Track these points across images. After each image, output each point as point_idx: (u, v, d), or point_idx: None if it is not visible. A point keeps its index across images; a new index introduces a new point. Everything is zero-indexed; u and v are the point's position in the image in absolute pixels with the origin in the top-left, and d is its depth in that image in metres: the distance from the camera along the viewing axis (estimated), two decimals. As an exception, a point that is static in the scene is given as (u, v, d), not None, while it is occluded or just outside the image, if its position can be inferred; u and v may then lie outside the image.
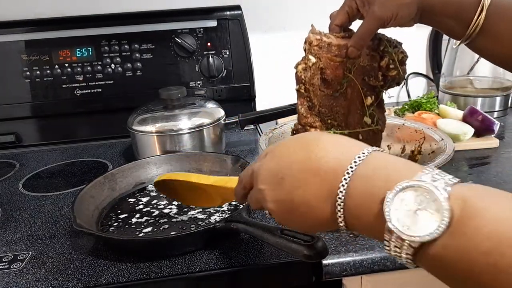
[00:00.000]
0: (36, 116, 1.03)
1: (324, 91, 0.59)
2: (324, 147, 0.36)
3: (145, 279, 0.53)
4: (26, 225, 0.67)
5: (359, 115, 0.62)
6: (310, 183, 0.35)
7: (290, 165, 0.36)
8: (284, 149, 0.38)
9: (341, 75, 0.59)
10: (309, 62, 0.59)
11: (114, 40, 1.01)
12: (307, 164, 0.35)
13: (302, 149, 0.37)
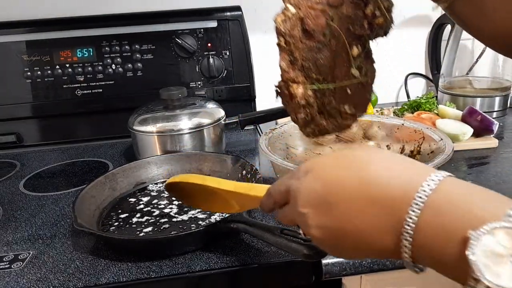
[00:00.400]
0: (37, 116, 1.03)
1: (306, 43, 0.55)
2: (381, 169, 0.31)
3: (145, 278, 0.53)
4: (27, 224, 0.68)
5: (346, 67, 0.57)
6: (367, 212, 0.31)
7: (340, 189, 0.32)
8: (331, 168, 0.34)
9: (323, 25, 0.55)
10: (288, 12, 0.55)
11: (115, 41, 1.01)
12: (363, 189, 0.31)
13: (354, 170, 0.32)
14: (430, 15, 1.21)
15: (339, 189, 0.32)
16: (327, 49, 0.56)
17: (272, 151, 0.64)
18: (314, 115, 0.55)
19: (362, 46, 0.58)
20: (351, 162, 0.33)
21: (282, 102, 0.56)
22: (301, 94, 0.54)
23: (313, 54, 0.56)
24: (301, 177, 0.36)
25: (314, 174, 0.35)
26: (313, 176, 0.35)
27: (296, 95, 0.54)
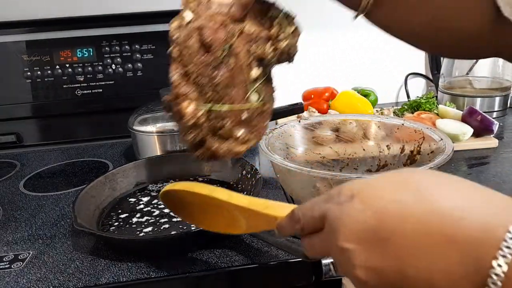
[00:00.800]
0: (37, 116, 1.03)
1: (203, 57, 0.50)
2: (455, 198, 0.25)
3: (145, 278, 0.53)
4: (27, 224, 0.68)
5: (244, 90, 0.53)
6: (437, 253, 0.24)
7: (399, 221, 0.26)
8: (386, 193, 0.27)
9: (222, 39, 0.51)
10: (184, 19, 0.50)
11: (115, 41, 1.01)
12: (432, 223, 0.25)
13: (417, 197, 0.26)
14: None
15: (398, 220, 0.26)
16: (226, 67, 0.51)
17: (272, 151, 0.64)
18: (204, 138, 0.50)
19: (263, 70, 0.54)
20: (412, 187, 0.27)
21: (172, 119, 0.50)
22: (190, 113, 0.49)
23: (209, 71, 0.50)
24: (344, 202, 0.29)
25: (362, 199, 0.28)
26: (361, 202, 0.28)
27: (185, 114, 0.49)
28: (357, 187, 0.29)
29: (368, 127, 0.77)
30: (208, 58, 0.50)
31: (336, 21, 1.17)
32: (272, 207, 0.40)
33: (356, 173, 0.75)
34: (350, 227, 0.27)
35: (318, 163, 0.77)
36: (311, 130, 0.78)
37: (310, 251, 0.33)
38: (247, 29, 0.52)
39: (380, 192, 0.28)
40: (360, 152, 0.77)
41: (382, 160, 0.75)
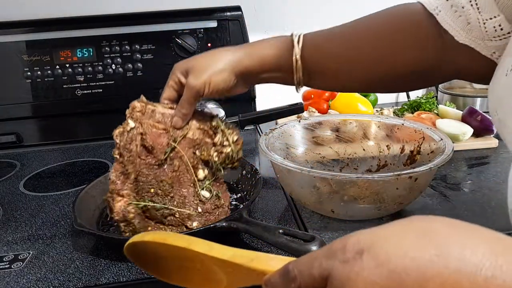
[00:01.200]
0: (37, 116, 1.03)
1: (145, 159, 0.58)
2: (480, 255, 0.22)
3: (145, 278, 0.53)
4: (27, 225, 0.67)
5: (193, 187, 0.60)
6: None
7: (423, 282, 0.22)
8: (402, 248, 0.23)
9: (165, 143, 0.59)
10: (127, 126, 0.59)
11: (115, 41, 1.01)
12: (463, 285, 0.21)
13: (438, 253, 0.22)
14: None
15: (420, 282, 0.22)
16: (171, 168, 0.58)
17: (272, 151, 0.64)
18: (135, 230, 0.55)
19: (211, 172, 0.61)
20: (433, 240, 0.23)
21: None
22: (118, 208, 0.54)
23: (154, 171, 0.57)
24: (351, 260, 0.24)
25: (374, 256, 0.24)
26: (373, 259, 0.23)
27: (113, 209, 0.54)
28: (366, 240, 0.25)
29: (368, 127, 0.77)
30: (151, 160, 0.57)
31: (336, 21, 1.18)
32: (259, 259, 0.33)
33: (356, 173, 0.76)
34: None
35: (318, 163, 0.77)
36: (311, 130, 0.78)
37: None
38: (190, 135, 0.60)
39: (394, 246, 0.23)
40: (360, 152, 0.77)
41: (382, 160, 0.75)
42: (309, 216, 0.64)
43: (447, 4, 0.49)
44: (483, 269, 0.21)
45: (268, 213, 0.67)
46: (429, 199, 0.68)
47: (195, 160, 0.60)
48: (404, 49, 0.53)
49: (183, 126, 0.60)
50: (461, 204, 0.66)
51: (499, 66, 0.40)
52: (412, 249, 0.23)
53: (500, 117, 0.39)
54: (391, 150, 0.75)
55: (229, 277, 0.36)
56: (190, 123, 0.61)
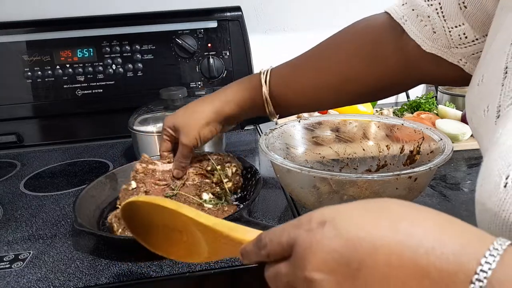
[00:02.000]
0: (38, 116, 1.03)
1: None
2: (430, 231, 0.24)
3: (146, 278, 0.53)
4: (27, 224, 0.68)
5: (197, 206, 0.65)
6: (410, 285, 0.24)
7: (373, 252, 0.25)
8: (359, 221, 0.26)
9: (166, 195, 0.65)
10: (130, 186, 0.65)
11: (115, 41, 1.01)
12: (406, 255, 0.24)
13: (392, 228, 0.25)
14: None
15: (370, 251, 0.25)
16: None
17: (272, 151, 0.64)
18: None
19: (217, 196, 0.68)
20: (386, 217, 0.26)
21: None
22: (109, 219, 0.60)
23: None
24: (315, 229, 0.27)
25: (334, 226, 0.26)
26: (332, 230, 0.26)
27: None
28: (329, 214, 0.28)
29: (368, 127, 0.77)
30: None
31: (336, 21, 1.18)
32: (238, 230, 0.37)
33: (356, 173, 0.76)
34: (320, 256, 0.26)
35: (318, 163, 0.77)
36: (311, 130, 0.78)
37: (273, 281, 0.30)
38: (190, 182, 0.67)
39: (353, 220, 0.26)
40: (359, 152, 0.78)
41: (381, 160, 0.75)
42: (309, 216, 0.64)
43: (413, 14, 0.51)
44: (425, 242, 0.24)
45: (268, 213, 0.67)
46: (428, 199, 0.68)
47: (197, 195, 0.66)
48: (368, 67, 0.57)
49: (183, 175, 0.68)
50: (460, 204, 0.66)
51: (473, 77, 0.42)
52: (368, 223, 0.26)
53: (475, 125, 0.40)
54: (390, 150, 0.75)
55: (210, 247, 0.39)
56: (188, 171, 0.68)
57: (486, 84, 0.38)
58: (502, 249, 0.23)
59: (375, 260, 0.24)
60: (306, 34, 1.16)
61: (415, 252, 0.24)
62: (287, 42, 1.17)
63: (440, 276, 0.23)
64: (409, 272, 0.23)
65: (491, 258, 0.22)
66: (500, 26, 0.38)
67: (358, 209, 0.27)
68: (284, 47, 1.16)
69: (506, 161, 0.28)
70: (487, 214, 0.29)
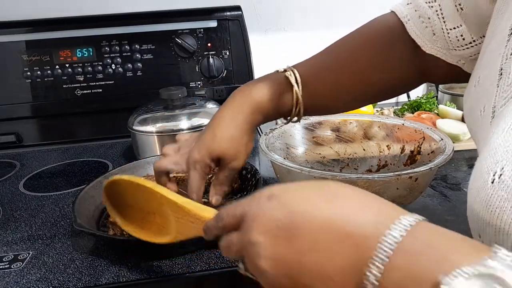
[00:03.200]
0: (37, 116, 1.03)
1: None
2: (355, 204, 0.29)
3: (145, 278, 0.53)
4: (26, 225, 0.67)
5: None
6: (333, 248, 0.27)
7: (308, 219, 0.29)
8: (300, 196, 0.31)
9: None
10: None
11: (115, 41, 1.01)
12: (334, 223, 0.28)
13: (325, 202, 0.29)
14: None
15: (308, 219, 0.29)
16: None
17: (272, 151, 0.64)
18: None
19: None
20: (322, 193, 0.30)
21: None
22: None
23: None
24: (263, 202, 0.31)
25: (279, 200, 0.31)
26: (278, 203, 0.31)
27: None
28: (277, 190, 0.32)
29: (369, 127, 0.77)
30: None
31: (337, 21, 1.18)
32: (206, 210, 0.41)
33: (356, 173, 0.75)
34: (264, 223, 0.30)
35: (318, 163, 0.77)
36: (311, 130, 0.78)
37: (226, 249, 0.35)
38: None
39: (296, 195, 0.31)
40: (360, 152, 0.77)
41: (382, 160, 0.75)
42: (309, 216, 0.64)
43: (415, 15, 0.52)
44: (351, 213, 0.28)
45: (268, 213, 0.66)
46: (429, 199, 0.68)
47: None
48: (386, 68, 0.56)
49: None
50: (461, 204, 0.66)
51: (470, 78, 0.42)
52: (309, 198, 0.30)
53: (471, 126, 0.41)
54: (391, 150, 0.75)
55: (178, 226, 0.43)
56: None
57: (482, 85, 0.38)
58: (414, 220, 0.27)
59: (310, 227, 0.28)
60: (306, 34, 1.16)
61: (342, 220, 0.28)
62: (287, 42, 1.17)
63: (357, 239, 0.27)
64: (334, 236, 0.28)
65: (401, 226, 0.26)
66: (496, 28, 0.38)
67: (302, 187, 0.32)
68: (284, 47, 1.16)
69: (494, 158, 0.30)
70: (475, 211, 0.31)
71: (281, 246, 0.29)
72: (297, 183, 0.32)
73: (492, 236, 0.29)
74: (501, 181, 0.28)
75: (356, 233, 0.27)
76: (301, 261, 0.28)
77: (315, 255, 0.28)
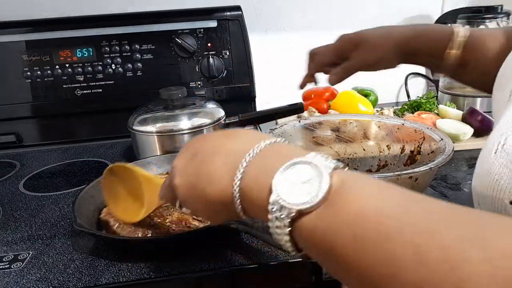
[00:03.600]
0: (37, 116, 1.03)
1: None
2: (241, 133, 0.38)
3: (145, 278, 0.53)
4: (26, 225, 0.67)
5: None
6: (217, 158, 0.36)
7: (205, 143, 0.39)
8: (207, 136, 0.41)
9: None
10: None
11: (115, 41, 1.01)
12: (221, 144, 0.37)
13: (221, 135, 0.39)
14: (431, 14, 1.21)
15: (204, 145, 0.39)
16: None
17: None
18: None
19: None
20: (223, 133, 0.40)
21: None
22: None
23: None
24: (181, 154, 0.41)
25: (192, 142, 0.42)
26: (191, 143, 0.42)
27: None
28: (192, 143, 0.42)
29: (368, 127, 0.77)
30: None
31: (336, 21, 1.18)
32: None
33: (356, 173, 0.75)
34: (179, 155, 0.41)
35: (318, 163, 0.76)
36: (311, 130, 0.78)
37: (162, 192, 0.45)
38: None
39: (206, 136, 0.41)
40: (360, 152, 0.77)
41: (382, 160, 0.75)
42: (309, 216, 0.64)
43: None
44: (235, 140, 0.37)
45: (268, 213, 0.66)
46: (429, 199, 0.68)
47: None
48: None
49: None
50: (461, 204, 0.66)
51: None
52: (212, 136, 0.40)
53: (495, 108, 0.43)
54: (391, 150, 0.75)
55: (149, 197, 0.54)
56: None
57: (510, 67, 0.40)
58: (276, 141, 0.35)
59: (204, 147, 0.38)
60: (306, 33, 1.16)
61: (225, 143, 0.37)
62: (287, 41, 1.17)
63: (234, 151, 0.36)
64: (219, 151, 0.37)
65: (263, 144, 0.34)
66: None
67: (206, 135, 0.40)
68: (284, 46, 1.16)
69: (500, 131, 0.33)
70: (478, 181, 0.33)
71: (188, 165, 0.39)
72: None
73: (489, 205, 0.31)
74: (503, 150, 0.31)
75: (233, 148, 0.36)
76: (199, 171, 0.37)
77: (207, 164, 0.37)
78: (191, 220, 0.59)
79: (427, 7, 1.20)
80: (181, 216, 0.60)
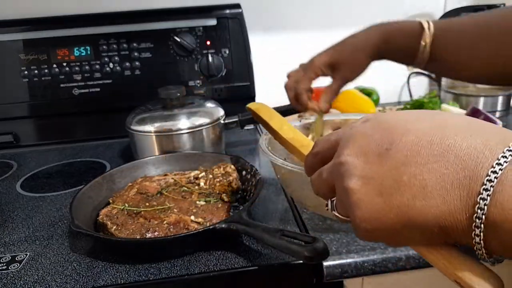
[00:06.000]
0: (34, 116, 1.02)
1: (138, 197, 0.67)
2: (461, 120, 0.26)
3: (143, 280, 0.52)
4: (23, 226, 0.67)
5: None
6: (435, 160, 0.24)
7: (404, 133, 0.26)
8: (395, 116, 0.29)
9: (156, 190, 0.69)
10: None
11: (113, 39, 1.00)
12: (435, 136, 0.25)
13: (423, 120, 0.27)
14: (433, 13, 1.20)
15: (401, 133, 0.26)
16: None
17: (272, 151, 0.63)
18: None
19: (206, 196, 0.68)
20: (425, 113, 0.28)
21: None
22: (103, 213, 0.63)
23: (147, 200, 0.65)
24: (357, 125, 0.30)
25: (374, 122, 0.29)
26: (372, 124, 0.29)
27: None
28: (374, 115, 0.31)
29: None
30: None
31: (337, 20, 1.17)
32: (307, 146, 0.50)
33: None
34: (356, 142, 0.29)
35: (319, 163, 0.76)
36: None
37: (316, 182, 0.34)
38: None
39: (394, 115, 0.29)
40: (361, 152, 0.76)
41: (383, 160, 0.74)
42: (310, 217, 0.63)
43: None
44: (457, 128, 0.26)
45: (268, 214, 0.66)
46: (431, 199, 0.67)
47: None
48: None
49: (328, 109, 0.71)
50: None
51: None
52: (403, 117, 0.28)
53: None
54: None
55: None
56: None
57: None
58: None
59: (404, 141, 0.26)
60: (306, 32, 1.16)
61: (445, 133, 0.25)
62: (287, 40, 1.16)
63: (467, 154, 0.24)
64: (435, 149, 0.25)
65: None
66: None
67: (399, 112, 0.30)
68: (284, 45, 1.16)
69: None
70: None
71: (372, 163, 0.27)
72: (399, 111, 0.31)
73: None
74: None
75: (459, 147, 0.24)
76: (398, 179, 0.25)
77: (412, 169, 0.25)
78: (189, 222, 0.59)
79: (429, 5, 1.19)
80: (179, 217, 0.59)
